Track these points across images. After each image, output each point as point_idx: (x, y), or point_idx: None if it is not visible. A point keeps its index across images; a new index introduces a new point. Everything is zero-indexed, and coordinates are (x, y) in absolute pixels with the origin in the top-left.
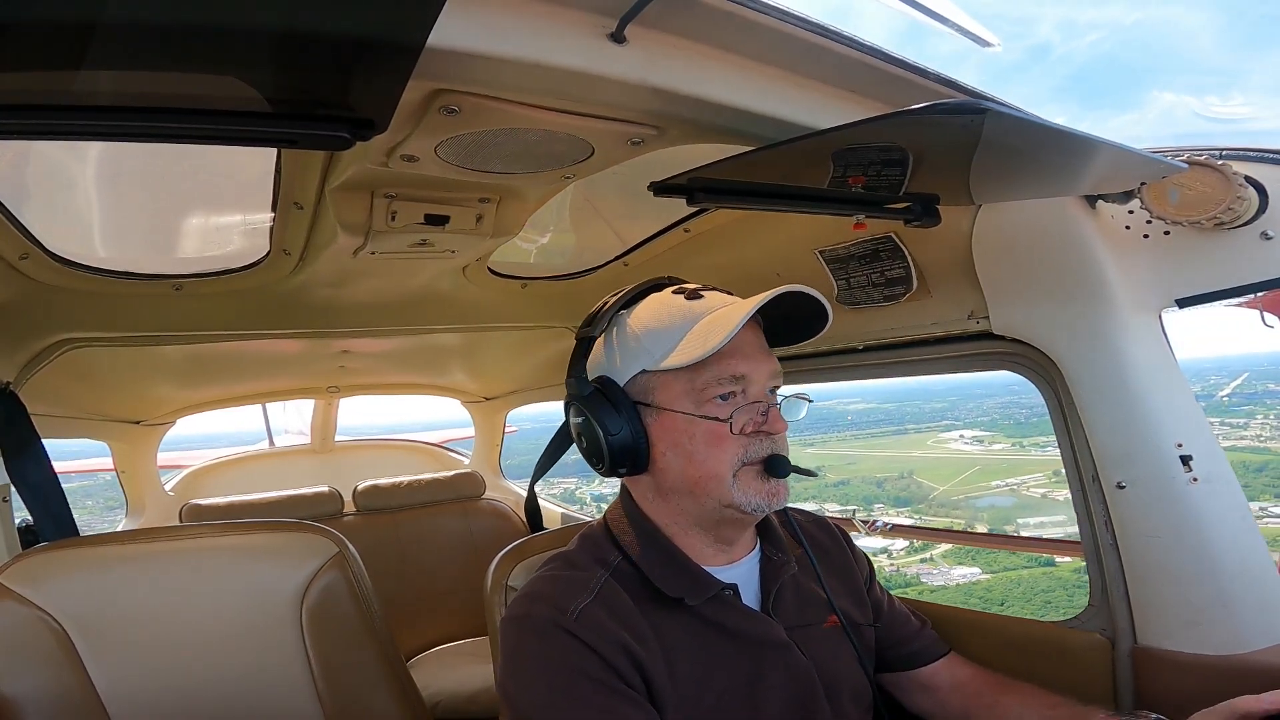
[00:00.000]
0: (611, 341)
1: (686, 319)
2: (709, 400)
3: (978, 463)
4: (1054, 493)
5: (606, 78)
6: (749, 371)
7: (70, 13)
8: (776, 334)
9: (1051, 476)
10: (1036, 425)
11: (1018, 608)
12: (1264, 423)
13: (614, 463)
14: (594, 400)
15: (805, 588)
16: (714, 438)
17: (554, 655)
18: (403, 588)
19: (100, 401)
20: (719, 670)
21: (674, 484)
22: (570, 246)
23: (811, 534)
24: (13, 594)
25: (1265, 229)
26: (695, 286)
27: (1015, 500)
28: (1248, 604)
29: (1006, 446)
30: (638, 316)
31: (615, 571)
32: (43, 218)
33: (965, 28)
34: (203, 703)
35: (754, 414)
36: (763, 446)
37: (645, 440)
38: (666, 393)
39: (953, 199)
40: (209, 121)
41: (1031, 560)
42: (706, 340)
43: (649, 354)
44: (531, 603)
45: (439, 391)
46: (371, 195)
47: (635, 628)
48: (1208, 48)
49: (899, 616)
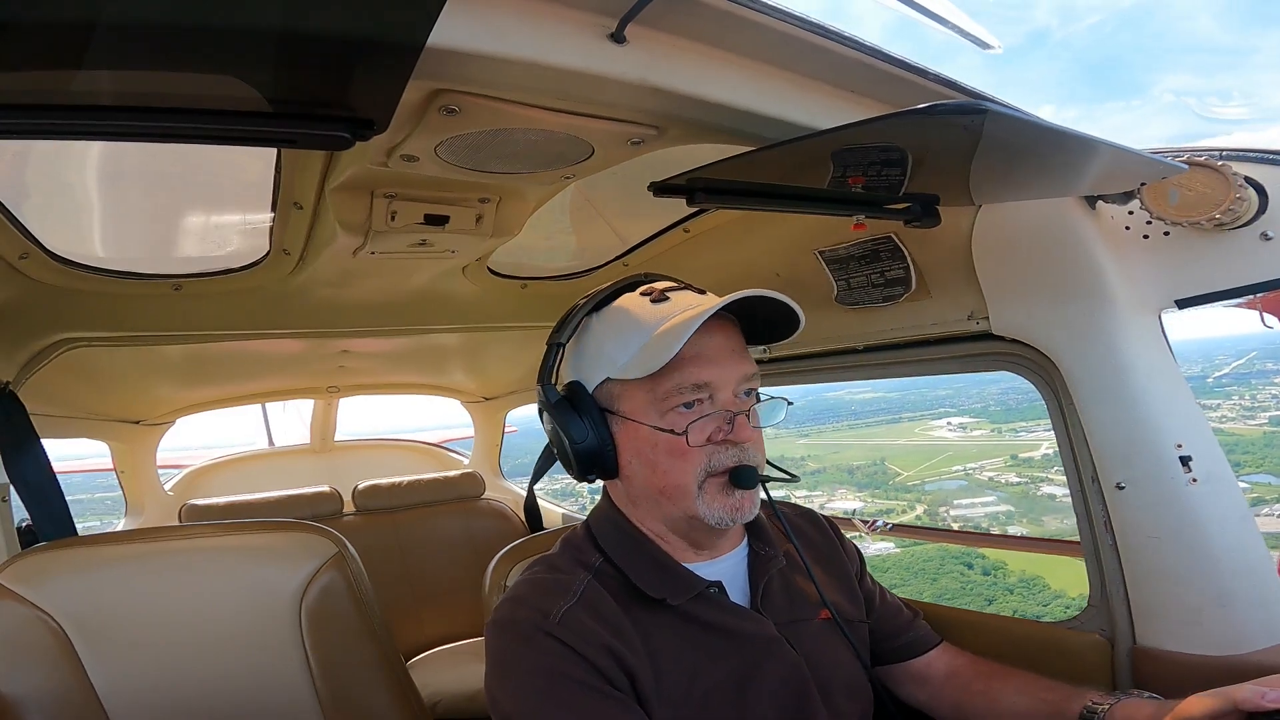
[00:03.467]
0: (581, 347)
1: (648, 325)
2: (671, 410)
3: (951, 449)
4: (1002, 476)
5: (606, 78)
6: (713, 378)
7: (70, 13)
8: (759, 334)
9: (1009, 461)
10: (1020, 411)
11: (911, 582)
12: (1236, 404)
13: (582, 470)
14: (560, 408)
15: (795, 582)
16: (675, 450)
17: (538, 659)
18: (402, 588)
19: (100, 401)
20: (706, 669)
21: (640, 492)
22: (570, 246)
23: (799, 527)
24: (12, 594)
25: (1265, 229)
26: (665, 287)
27: (963, 484)
28: (1247, 604)
29: (986, 433)
30: (604, 321)
31: (598, 573)
32: (43, 218)
33: (965, 29)
34: (202, 702)
35: (719, 423)
36: (728, 456)
37: (613, 447)
38: (630, 402)
39: (953, 199)
40: (209, 121)
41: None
42: (661, 350)
43: (611, 361)
44: (514, 607)
45: (439, 391)
46: (371, 195)
47: (619, 629)
48: (1210, 27)
49: (891, 609)
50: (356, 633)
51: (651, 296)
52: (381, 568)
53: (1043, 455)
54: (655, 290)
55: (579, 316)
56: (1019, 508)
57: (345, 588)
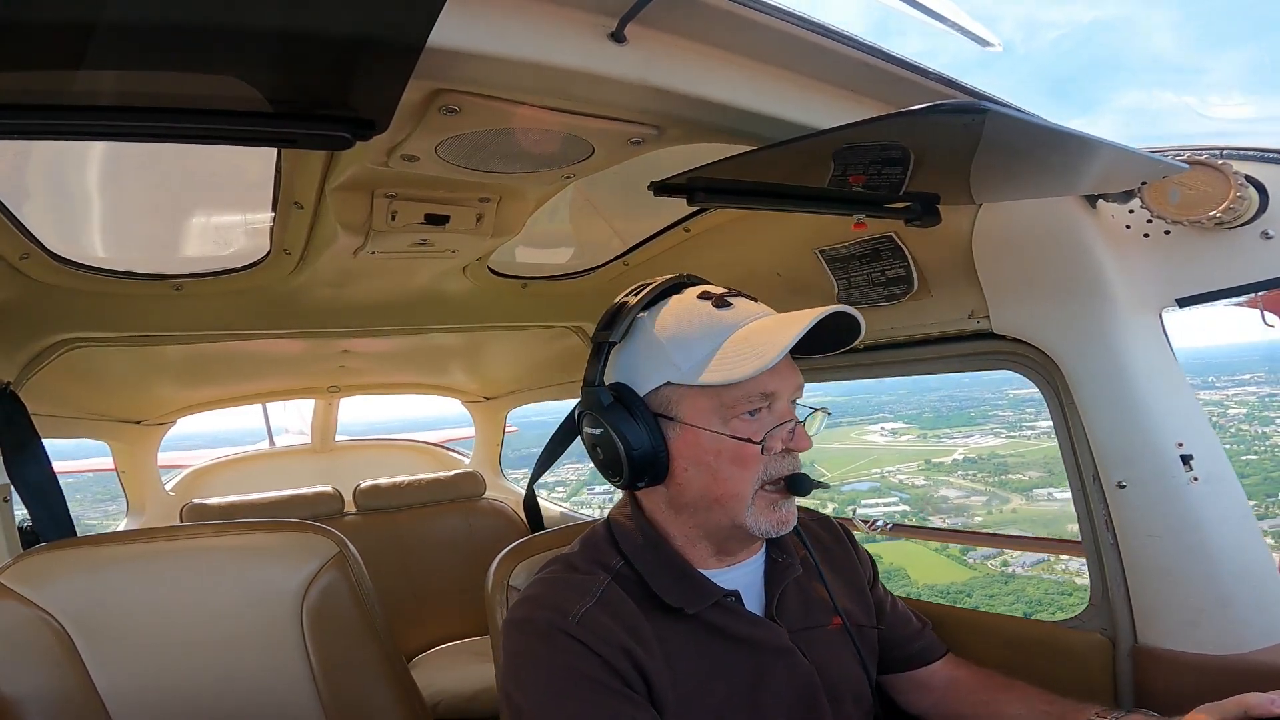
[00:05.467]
0: (634, 349)
1: (718, 331)
2: (736, 417)
3: (875, 453)
4: (912, 479)
5: (606, 78)
6: (778, 388)
7: (70, 13)
8: (798, 345)
9: (922, 465)
10: (947, 418)
11: None
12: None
13: (634, 476)
14: (614, 411)
15: (809, 589)
16: (741, 457)
17: (556, 658)
18: (403, 587)
19: (100, 401)
20: (720, 677)
21: (692, 499)
22: (570, 246)
23: (815, 533)
24: (13, 594)
25: (1265, 229)
26: (722, 292)
27: (876, 486)
28: (1248, 604)
29: (913, 438)
30: (662, 323)
31: (618, 576)
32: (43, 218)
33: (966, 28)
34: (203, 702)
35: (783, 433)
36: (785, 465)
37: (666, 454)
38: (692, 408)
39: (953, 199)
40: (209, 121)
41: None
42: (746, 360)
43: (675, 367)
44: (533, 606)
45: (439, 391)
46: (371, 195)
47: (638, 631)
48: (1167, 45)
49: (901, 617)
50: (357, 632)
51: (713, 301)
52: (382, 568)
53: (952, 460)
54: (714, 294)
55: (630, 316)
56: (913, 508)
57: (346, 587)
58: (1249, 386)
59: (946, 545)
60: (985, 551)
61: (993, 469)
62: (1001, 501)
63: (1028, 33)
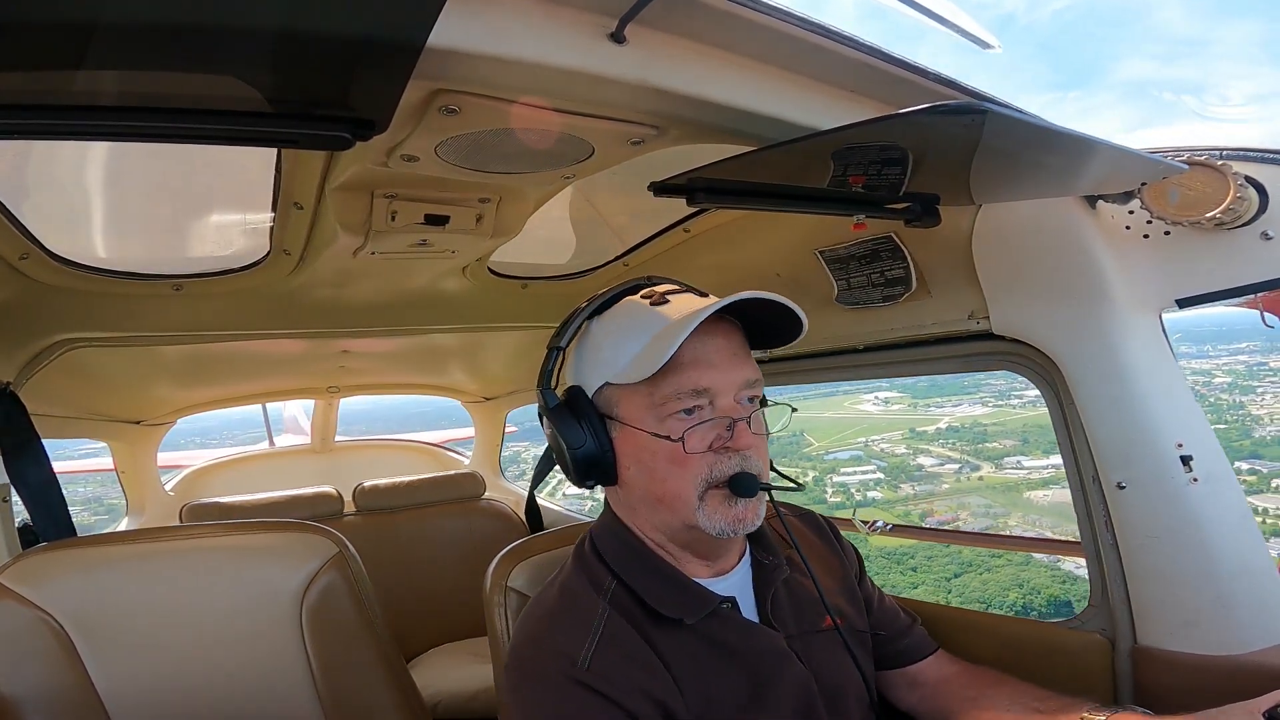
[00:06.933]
0: (580, 352)
1: (647, 328)
2: (670, 416)
3: (866, 421)
4: (894, 448)
5: (606, 78)
6: (713, 384)
7: (70, 13)
8: (763, 337)
9: (906, 434)
10: (941, 387)
11: None
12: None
13: (580, 476)
14: (558, 413)
15: (799, 589)
16: (674, 457)
17: (570, 711)
18: (403, 588)
19: (100, 401)
20: (722, 687)
21: (639, 499)
22: (570, 246)
23: (800, 531)
24: (13, 594)
25: (1265, 229)
26: (667, 289)
27: (858, 455)
28: (1247, 604)
29: (904, 408)
30: (604, 324)
31: (613, 599)
32: (43, 218)
33: (965, 29)
34: (203, 702)
35: (718, 429)
36: (729, 464)
37: (612, 454)
38: (628, 407)
39: (953, 199)
40: (209, 121)
41: None
42: (657, 353)
43: (610, 365)
44: (536, 649)
45: (439, 391)
46: (371, 195)
47: (648, 664)
48: (1174, 18)
49: (888, 613)
50: (357, 633)
51: (651, 299)
52: (382, 568)
53: (935, 430)
54: (655, 293)
55: (579, 320)
56: (887, 476)
57: (346, 588)
58: (1241, 355)
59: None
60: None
61: (972, 438)
62: (971, 469)
63: (1030, 3)
